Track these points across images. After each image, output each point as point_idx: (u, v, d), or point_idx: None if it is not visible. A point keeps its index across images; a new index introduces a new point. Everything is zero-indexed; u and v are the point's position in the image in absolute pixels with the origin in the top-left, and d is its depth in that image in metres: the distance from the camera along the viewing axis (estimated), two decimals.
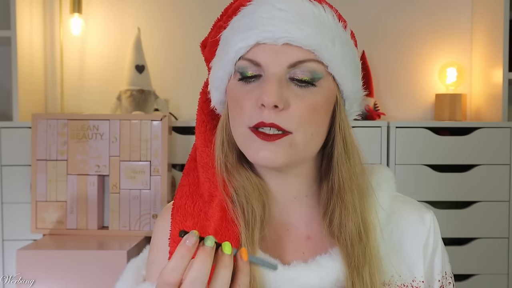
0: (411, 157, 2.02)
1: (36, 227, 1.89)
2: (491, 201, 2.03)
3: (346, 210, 0.79)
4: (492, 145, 2.02)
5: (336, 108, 0.80)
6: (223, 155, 0.82)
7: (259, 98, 0.74)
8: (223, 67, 0.79)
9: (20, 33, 2.06)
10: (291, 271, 0.77)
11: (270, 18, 0.75)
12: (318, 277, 0.77)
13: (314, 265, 0.78)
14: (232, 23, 0.79)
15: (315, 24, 0.75)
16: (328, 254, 0.79)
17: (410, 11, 2.36)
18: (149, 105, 2.15)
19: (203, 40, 0.89)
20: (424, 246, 0.85)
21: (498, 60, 2.10)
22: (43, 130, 1.89)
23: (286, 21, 0.74)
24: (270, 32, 0.74)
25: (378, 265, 0.79)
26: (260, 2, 0.78)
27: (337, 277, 0.77)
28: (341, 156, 0.80)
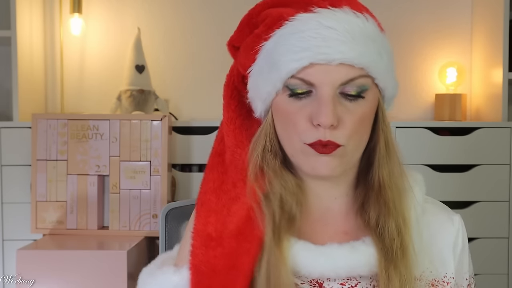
0: (411, 157, 2.02)
1: (36, 227, 1.89)
2: (491, 201, 2.03)
3: (386, 207, 0.82)
4: (492, 145, 2.02)
5: (378, 112, 0.84)
6: (264, 161, 0.83)
7: (314, 118, 0.77)
8: (272, 84, 0.80)
9: (20, 33, 2.06)
10: (325, 249, 0.81)
11: (322, 39, 0.76)
12: (350, 258, 0.80)
13: (348, 247, 0.81)
14: (277, 37, 0.80)
15: (363, 40, 0.78)
16: (361, 240, 0.82)
17: (410, 11, 2.36)
18: (149, 105, 2.15)
19: (232, 39, 0.88)
20: (453, 246, 0.89)
21: (498, 60, 2.10)
22: (43, 130, 1.89)
23: (338, 42, 0.76)
24: (324, 54, 0.76)
25: (413, 260, 0.82)
26: (306, 18, 0.78)
27: (369, 262, 0.81)
28: (383, 156, 0.84)
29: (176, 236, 1.21)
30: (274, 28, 0.80)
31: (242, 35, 0.86)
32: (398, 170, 0.86)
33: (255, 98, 0.84)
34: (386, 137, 0.85)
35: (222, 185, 0.86)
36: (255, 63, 0.83)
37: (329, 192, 0.87)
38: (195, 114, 2.35)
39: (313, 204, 0.87)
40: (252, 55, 0.83)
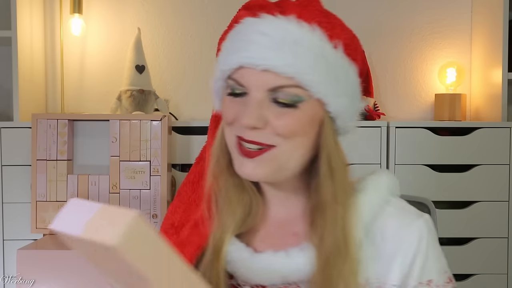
0: (411, 157, 2.02)
1: (36, 227, 1.89)
2: (491, 201, 2.03)
3: (326, 228, 0.81)
4: (491, 145, 2.02)
5: (321, 127, 0.82)
6: (215, 159, 0.86)
7: (239, 117, 0.79)
8: (215, 82, 0.85)
9: (20, 33, 2.07)
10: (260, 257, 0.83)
11: (252, 43, 0.78)
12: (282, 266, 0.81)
13: (281, 253, 0.82)
14: (227, 37, 0.84)
15: (295, 50, 0.77)
16: (299, 248, 0.82)
17: (410, 11, 2.36)
18: (149, 105, 2.15)
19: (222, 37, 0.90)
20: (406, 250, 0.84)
21: (497, 60, 2.10)
22: (43, 130, 1.89)
23: (265, 48, 0.77)
24: (249, 58, 0.78)
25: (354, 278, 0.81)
26: (248, 23, 0.81)
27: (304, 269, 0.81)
28: (325, 175, 0.82)
29: None
30: (230, 29, 0.85)
31: None
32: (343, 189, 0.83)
33: (213, 94, 0.88)
34: (329, 155, 0.82)
35: (200, 179, 0.91)
36: None
37: (281, 192, 0.88)
38: (195, 114, 2.35)
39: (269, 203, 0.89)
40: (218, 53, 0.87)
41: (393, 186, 0.89)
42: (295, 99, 0.78)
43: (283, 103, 0.78)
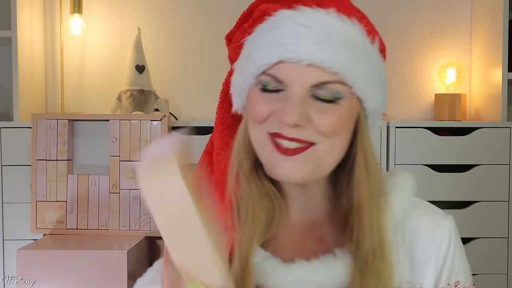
0: (411, 157, 2.02)
1: (36, 227, 1.89)
2: (491, 201, 2.03)
3: (363, 230, 0.78)
4: (491, 145, 2.02)
5: (358, 125, 0.79)
6: (238, 162, 0.81)
7: (279, 114, 0.74)
8: (243, 78, 0.78)
9: (20, 33, 2.06)
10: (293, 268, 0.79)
11: (293, 37, 0.73)
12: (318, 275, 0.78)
13: (316, 263, 0.79)
14: (257, 31, 0.78)
15: (340, 44, 0.74)
16: (332, 254, 0.80)
17: (410, 11, 2.36)
18: (149, 105, 2.15)
19: (229, 33, 0.87)
20: (437, 251, 0.83)
21: (497, 60, 2.10)
22: (43, 130, 1.89)
23: (310, 41, 0.73)
24: (293, 53, 0.73)
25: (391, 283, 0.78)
26: (285, 15, 0.76)
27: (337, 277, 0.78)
28: (362, 174, 0.79)
29: None
30: (258, 23, 0.78)
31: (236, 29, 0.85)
32: (378, 189, 0.81)
33: (233, 94, 0.83)
34: (366, 154, 0.79)
35: None
36: (238, 58, 0.81)
37: (305, 196, 0.84)
38: (195, 114, 2.35)
39: (290, 208, 0.84)
40: (237, 50, 0.81)
41: (414, 186, 0.87)
42: (336, 95, 0.75)
43: (324, 99, 0.75)
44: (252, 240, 0.78)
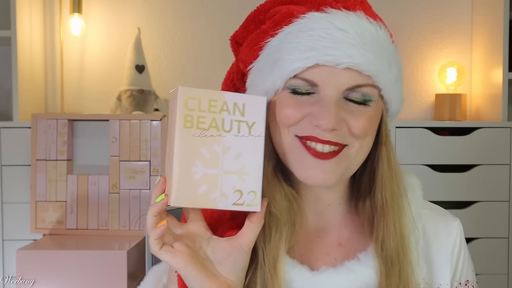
0: (411, 157, 2.02)
1: (36, 227, 1.89)
2: (491, 201, 2.03)
3: (388, 230, 0.79)
4: (492, 145, 2.02)
5: (381, 126, 0.80)
6: None
7: (314, 119, 0.73)
8: (271, 82, 0.76)
9: (20, 33, 2.06)
10: (321, 276, 0.78)
11: (331, 40, 0.73)
12: (347, 281, 0.78)
13: (343, 269, 0.79)
14: (285, 34, 0.76)
15: (374, 47, 0.74)
16: (356, 259, 0.80)
17: (410, 11, 2.36)
18: (149, 105, 2.15)
19: (235, 35, 0.85)
20: (451, 253, 0.85)
21: (498, 60, 2.10)
22: (43, 130, 1.89)
23: (348, 45, 0.72)
24: (331, 56, 0.72)
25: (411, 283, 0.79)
26: (316, 18, 0.75)
27: (366, 282, 0.79)
28: (385, 173, 0.80)
29: None
30: (283, 25, 0.76)
31: (247, 32, 0.83)
32: (399, 188, 0.82)
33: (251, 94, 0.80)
34: (389, 154, 0.81)
35: None
36: (257, 60, 0.79)
37: (320, 198, 0.83)
38: None
39: (306, 212, 0.83)
40: (255, 52, 0.79)
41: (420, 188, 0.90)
42: (367, 98, 0.75)
43: (355, 101, 0.75)
44: (279, 246, 0.77)
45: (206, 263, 0.71)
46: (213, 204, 0.69)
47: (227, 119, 0.70)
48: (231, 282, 0.71)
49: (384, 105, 0.80)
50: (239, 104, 0.70)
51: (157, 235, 0.68)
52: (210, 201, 0.69)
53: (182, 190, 0.67)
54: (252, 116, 0.71)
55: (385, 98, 0.78)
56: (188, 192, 0.68)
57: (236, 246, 0.72)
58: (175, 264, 0.69)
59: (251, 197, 0.70)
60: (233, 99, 0.70)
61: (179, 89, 0.68)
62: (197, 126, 0.68)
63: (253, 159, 0.70)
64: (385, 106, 0.80)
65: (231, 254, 0.72)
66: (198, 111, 0.68)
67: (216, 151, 0.69)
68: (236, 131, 0.70)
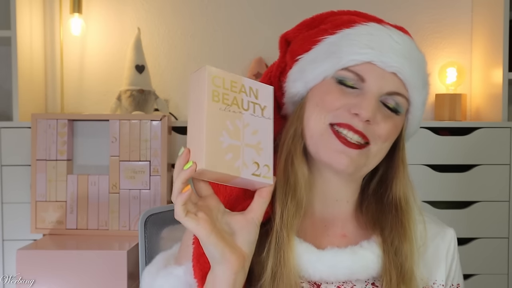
0: (411, 157, 2.00)
1: (36, 227, 1.89)
2: (491, 201, 2.03)
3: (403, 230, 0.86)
4: (492, 145, 2.02)
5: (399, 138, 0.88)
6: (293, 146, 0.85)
7: (355, 107, 0.81)
8: (323, 69, 0.84)
9: (20, 33, 2.06)
10: (327, 254, 0.84)
11: (388, 46, 0.83)
12: (351, 263, 0.83)
13: (348, 250, 0.85)
14: (344, 34, 0.85)
15: (417, 67, 0.85)
16: (359, 245, 0.86)
17: (411, 11, 2.36)
18: (149, 105, 2.15)
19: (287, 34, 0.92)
20: (446, 254, 0.92)
21: (498, 60, 2.10)
22: (43, 130, 1.89)
23: (401, 54, 0.83)
24: (387, 58, 0.82)
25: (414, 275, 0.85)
26: (377, 27, 0.85)
27: (367, 266, 0.84)
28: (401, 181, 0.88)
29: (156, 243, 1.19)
30: (343, 27, 0.85)
31: (298, 32, 0.91)
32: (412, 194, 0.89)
33: (297, 80, 0.87)
34: (404, 165, 0.89)
35: None
36: (309, 51, 0.86)
37: (330, 192, 0.89)
38: None
39: (314, 202, 0.89)
40: (308, 45, 0.87)
41: None
42: (398, 108, 0.84)
43: (390, 107, 0.84)
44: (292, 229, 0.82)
45: (223, 234, 0.76)
46: (237, 171, 0.74)
47: (245, 99, 0.77)
48: (245, 253, 0.77)
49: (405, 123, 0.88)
50: (253, 89, 0.78)
51: (183, 200, 0.72)
52: (235, 168, 0.74)
53: (213, 155, 0.72)
54: (264, 101, 0.79)
55: (409, 116, 0.87)
56: (218, 157, 0.73)
57: (248, 220, 0.77)
58: (199, 231, 0.73)
59: (265, 170, 0.77)
60: (248, 84, 0.78)
61: (207, 68, 0.74)
62: (222, 102, 0.75)
63: (266, 137, 0.78)
64: (405, 124, 0.88)
65: (245, 227, 0.77)
66: (222, 89, 0.75)
67: (237, 125, 0.75)
68: (252, 111, 0.77)
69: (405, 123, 0.88)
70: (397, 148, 0.88)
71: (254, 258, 0.81)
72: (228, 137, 0.74)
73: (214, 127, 0.73)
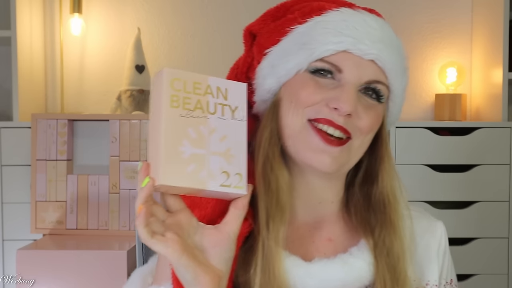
0: (411, 157, 2.02)
1: (36, 227, 1.89)
2: (491, 201, 2.02)
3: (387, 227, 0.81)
4: (492, 145, 2.02)
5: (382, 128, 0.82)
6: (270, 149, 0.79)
7: (333, 101, 0.75)
8: (296, 61, 0.78)
9: (20, 33, 2.06)
10: (316, 266, 0.79)
11: (364, 32, 0.77)
12: (342, 274, 0.78)
13: (338, 260, 0.79)
14: (315, 22, 0.79)
15: (397, 52, 0.79)
16: (348, 253, 0.80)
17: (410, 11, 2.36)
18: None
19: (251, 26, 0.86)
20: (437, 251, 0.88)
21: (498, 60, 2.10)
22: (42, 130, 1.89)
23: (379, 39, 0.77)
24: (364, 45, 0.76)
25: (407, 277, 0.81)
26: (350, 12, 0.79)
27: (360, 274, 0.79)
28: (388, 173, 0.82)
29: None
30: (313, 15, 0.79)
31: (263, 24, 0.85)
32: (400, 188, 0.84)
33: (268, 76, 0.81)
34: (389, 155, 0.83)
35: None
36: (278, 44, 0.81)
37: (313, 194, 0.83)
38: None
39: (297, 207, 0.83)
40: (276, 37, 0.81)
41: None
42: (379, 97, 0.79)
43: (370, 96, 0.78)
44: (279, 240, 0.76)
45: (196, 252, 0.69)
46: (201, 183, 0.67)
47: (211, 101, 0.70)
48: (220, 272, 0.70)
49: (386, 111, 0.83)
50: (222, 88, 0.71)
51: (143, 223, 0.65)
52: (199, 180, 0.67)
53: (171, 168, 0.66)
54: (235, 101, 0.71)
55: (389, 104, 0.82)
56: (177, 170, 0.66)
57: (224, 235, 0.70)
58: (169, 254, 0.66)
59: (237, 179, 0.69)
60: (216, 83, 0.71)
61: (164, 71, 0.68)
62: (183, 107, 0.68)
63: (238, 142, 0.70)
64: (386, 113, 0.83)
65: (219, 243, 0.70)
66: (183, 92, 0.68)
67: (202, 132, 0.68)
68: (220, 114, 0.70)
69: (386, 111, 0.83)
70: (379, 137, 0.82)
71: (240, 277, 0.76)
72: (190, 146, 0.67)
73: (173, 136, 0.67)
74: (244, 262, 0.76)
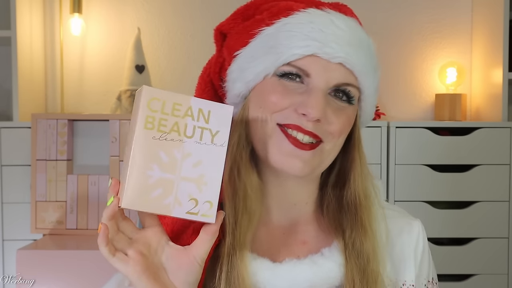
0: (411, 157, 2.02)
1: (36, 227, 1.89)
2: (491, 201, 2.02)
3: (363, 229, 0.80)
4: (492, 145, 2.02)
5: (354, 129, 0.82)
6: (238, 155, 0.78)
7: (301, 106, 0.74)
8: (264, 66, 0.77)
9: (20, 33, 2.06)
10: (284, 267, 0.78)
11: (331, 34, 0.75)
12: (310, 274, 0.78)
13: (307, 261, 0.79)
14: (282, 24, 0.78)
15: (366, 52, 0.78)
16: (320, 254, 0.80)
17: (410, 11, 2.36)
18: None
19: (221, 25, 0.86)
20: (414, 251, 0.86)
21: (498, 60, 2.10)
22: (42, 130, 1.89)
23: (346, 42, 0.76)
24: (331, 49, 0.75)
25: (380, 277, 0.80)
26: (317, 14, 0.77)
27: (329, 275, 0.78)
28: (359, 174, 0.81)
29: None
30: (280, 16, 0.78)
31: (233, 23, 0.85)
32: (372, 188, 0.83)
33: (237, 80, 0.81)
34: (361, 156, 0.82)
35: None
36: (247, 46, 0.80)
37: (286, 196, 0.83)
38: None
39: (271, 208, 0.83)
40: (244, 39, 0.80)
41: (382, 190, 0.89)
42: (349, 99, 0.78)
43: (340, 98, 0.77)
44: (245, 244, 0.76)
45: (159, 273, 0.69)
46: (166, 210, 0.66)
47: (190, 124, 0.67)
48: None
49: (358, 111, 0.82)
50: (205, 111, 0.68)
51: (103, 240, 0.65)
52: (164, 207, 0.66)
53: (135, 192, 0.65)
54: (217, 125, 0.68)
55: (361, 104, 0.81)
56: (141, 194, 0.65)
57: (190, 258, 0.70)
58: (129, 273, 0.66)
59: (206, 207, 0.67)
60: (198, 105, 0.68)
61: (143, 89, 0.67)
62: (158, 129, 0.66)
63: (213, 169, 0.68)
64: (359, 113, 0.82)
65: (184, 266, 0.70)
66: (160, 113, 0.66)
67: (175, 156, 0.66)
68: (198, 138, 0.68)
69: (358, 111, 0.82)
70: (352, 138, 0.82)
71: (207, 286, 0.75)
72: (159, 170, 0.66)
73: (142, 158, 0.65)
74: (212, 270, 0.76)
